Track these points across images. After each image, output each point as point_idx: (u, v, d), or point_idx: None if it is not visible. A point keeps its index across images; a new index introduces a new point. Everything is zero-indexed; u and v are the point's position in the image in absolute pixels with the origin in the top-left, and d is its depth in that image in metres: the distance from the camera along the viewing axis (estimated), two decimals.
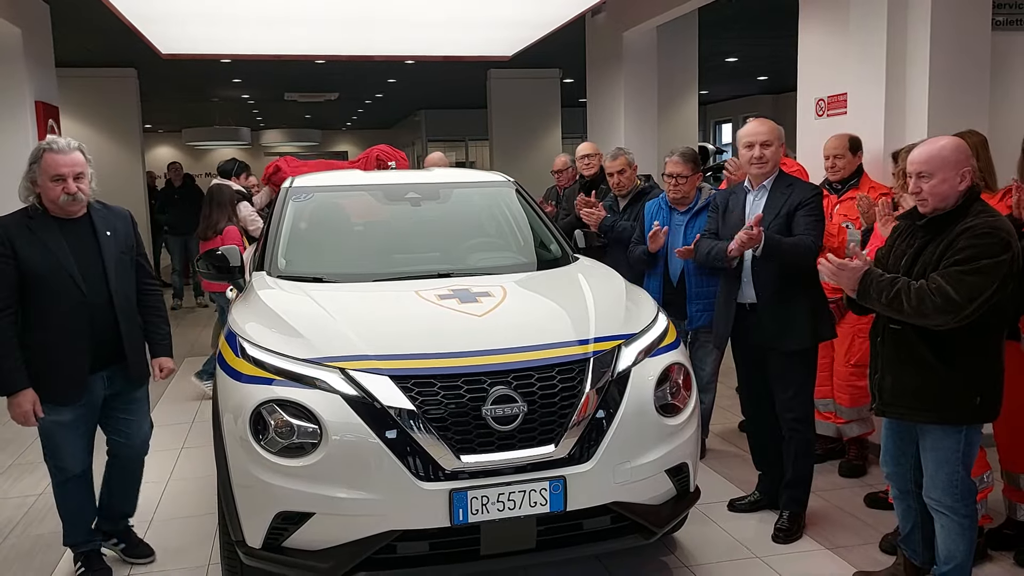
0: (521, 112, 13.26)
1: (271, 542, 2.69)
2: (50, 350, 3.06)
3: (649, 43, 8.18)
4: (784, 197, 3.51)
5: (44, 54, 7.23)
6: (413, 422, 2.63)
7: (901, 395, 2.81)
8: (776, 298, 3.51)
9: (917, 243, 2.79)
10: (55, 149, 3.06)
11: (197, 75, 13.02)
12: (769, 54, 12.68)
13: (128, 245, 3.29)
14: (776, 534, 3.58)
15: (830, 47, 5.04)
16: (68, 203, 3.07)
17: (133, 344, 3.24)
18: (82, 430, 3.22)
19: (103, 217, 3.24)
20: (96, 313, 3.11)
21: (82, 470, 3.27)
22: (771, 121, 3.61)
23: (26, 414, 3.04)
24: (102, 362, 3.17)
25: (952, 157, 2.69)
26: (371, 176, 4.70)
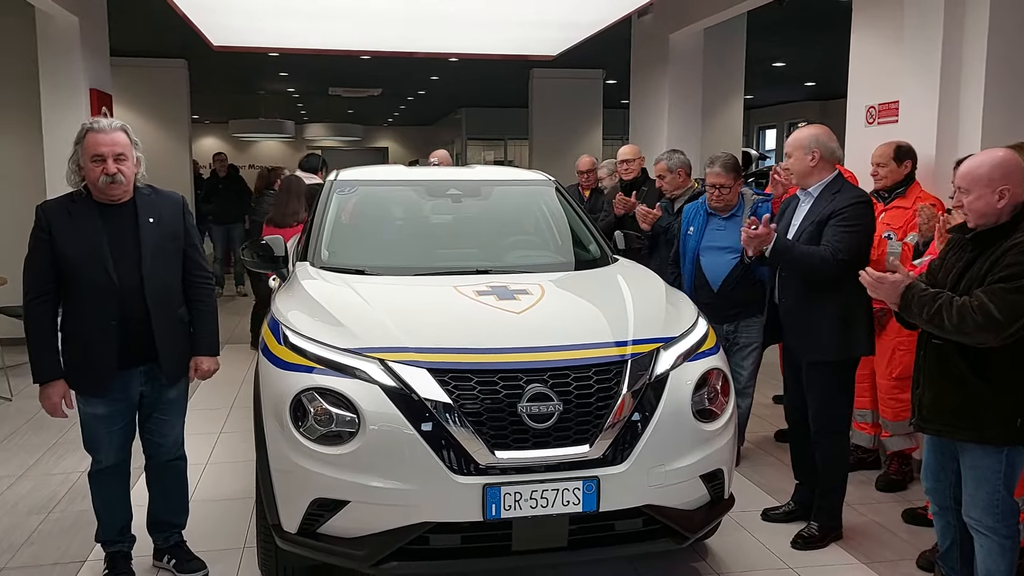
0: (562, 112, 13.24)
1: (307, 528, 2.73)
2: (81, 339, 2.97)
3: (696, 45, 8.12)
4: (824, 204, 3.46)
5: (100, 43, 7.37)
6: (449, 415, 2.65)
7: (940, 411, 2.76)
8: (800, 305, 3.48)
9: (966, 257, 2.74)
10: (96, 128, 2.94)
11: (245, 68, 13.20)
12: (818, 60, 12.52)
13: (174, 233, 3.11)
14: (795, 539, 3.56)
15: (883, 54, 4.96)
16: (107, 184, 2.92)
17: (166, 339, 3.05)
18: (119, 425, 3.10)
19: (150, 203, 3.07)
20: (127, 303, 2.96)
21: (116, 463, 3.16)
22: (805, 130, 3.56)
23: (54, 406, 2.98)
24: (138, 356, 3.03)
25: (988, 174, 2.63)
26: (414, 171, 4.75)
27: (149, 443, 3.24)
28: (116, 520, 3.24)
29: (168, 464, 3.28)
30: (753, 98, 16.99)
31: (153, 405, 3.16)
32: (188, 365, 3.18)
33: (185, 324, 3.17)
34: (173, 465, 3.30)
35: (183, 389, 3.25)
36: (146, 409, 3.17)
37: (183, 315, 3.15)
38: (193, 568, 3.27)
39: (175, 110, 12.03)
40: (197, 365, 3.20)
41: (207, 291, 3.25)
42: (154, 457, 3.26)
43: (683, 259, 4.48)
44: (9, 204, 7.33)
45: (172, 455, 3.28)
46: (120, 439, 3.13)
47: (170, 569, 3.29)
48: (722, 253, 4.30)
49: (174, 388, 3.19)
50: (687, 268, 4.43)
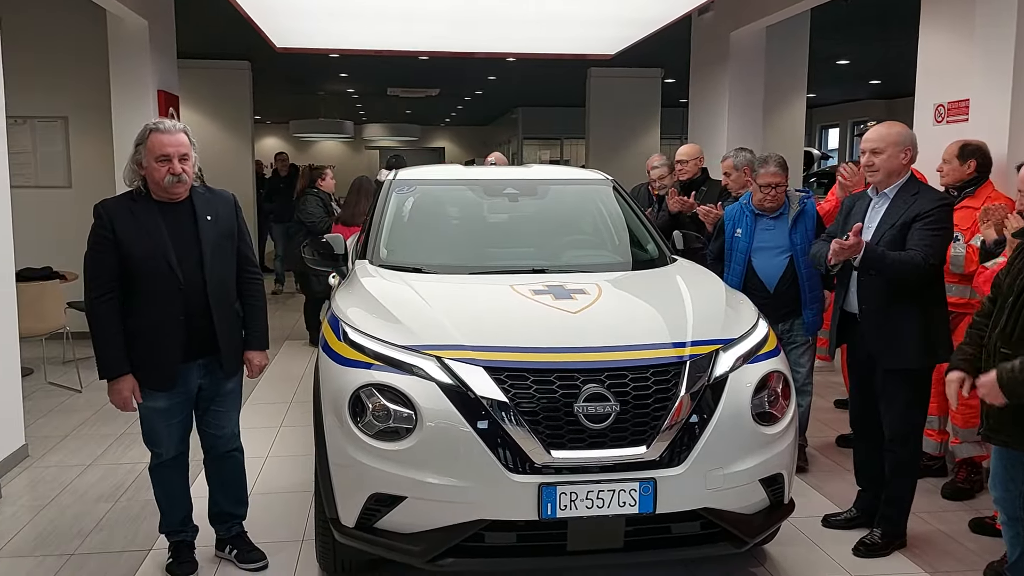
0: (620, 111, 13.15)
1: (364, 522, 2.77)
2: (146, 335, 3.02)
3: (757, 43, 7.98)
4: (905, 207, 3.34)
5: (167, 45, 7.60)
6: (505, 414, 2.66)
7: (1006, 422, 2.66)
8: (881, 311, 3.37)
9: None
10: (161, 129, 3.01)
11: (306, 69, 13.44)
12: (883, 57, 12.21)
13: (229, 231, 3.18)
14: (858, 547, 3.47)
15: (953, 52, 4.81)
16: (172, 184, 2.99)
17: (226, 333, 3.14)
18: (178, 418, 3.17)
19: (206, 201, 3.15)
20: (191, 299, 3.03)
21: (175, 455, 3.24)
22: (897, 126, 3.44)
23: (125, 400, 3.04)
24: (198, 350, 3.10)
25: None
26: (471, 171, 4.77)
27: (207, 436, 3.30)
28: (177, 511, 3.33)
29: (226, 456, 3.34)
30: (816, 96, 16.65)
31: (211, 398, 3.23)
32: (243, 359, 3.27)
33: (240, 318, 3.25)
34: (231, 457, 3.36)
35: (238, 382, 3.32)
36: (203, 402, 3.23)
37: (238, 310, 3.24)
38: (254, 559, 3.34)
39: (238, 110, 12.30)
40: (250, 360, 3.28)
41: (258, 287, 3.33)
42: (212, 450, 3.33)
43: (730, 260, 4.40)
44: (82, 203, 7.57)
45: (229, 447, 3.34)
46: (179, 432, 3.21)
47: (232, 559, 3.37)
48: (775, 253, 4.26)
49: (231, 380, 3.25)
50: (736, 269, 4.34)
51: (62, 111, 7.76)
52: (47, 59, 7.62)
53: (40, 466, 4.57)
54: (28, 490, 4.22)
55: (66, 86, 7.71)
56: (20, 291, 5.24)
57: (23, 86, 7.60)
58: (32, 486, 4.28)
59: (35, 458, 4.69)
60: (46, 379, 6.36)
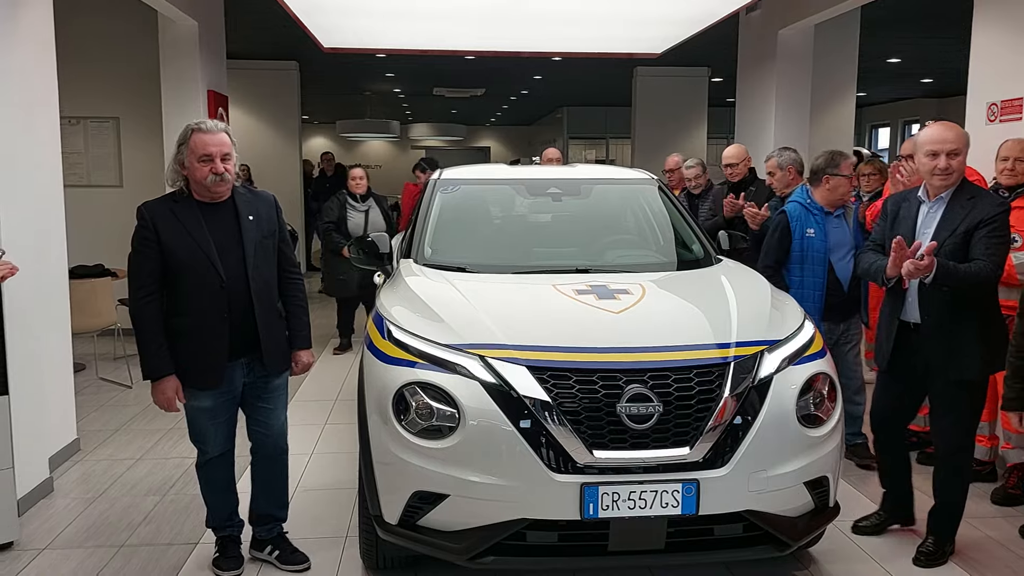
0: (666, 111, 13.05)
1: (407, 519, 2.79)
2: (190, 335, 3.03)
3: (806, 42, 7.87)
4: (964, 212, 3.23)
5: (217, 45, 7.74)
6: (548, 413, 2.66)
7: None
8: (943, 321, 3.26)
9: None
10: (204, 129, 3.01)
11: (352, 69, 13.59)
12: (934, 55, 11.93)
13: (271, 230, 3.19)
14: (918, 557, 3.39)
15: (1007, 49, 4.69)
16: (215, 183, 3.00)
17: (269, 331, 3.15)
18: (223, 417, 3.20)
19: (247, 201, 3.16)
20: (234, 298, 3.04)
21: (222, 452, 3.27)
22: (957, 126, 3.33)
23: (169, 401, 3.05)
24: (242, 349, 3.10)
25: None
26: (515, 170, 4.78)
27: (255, 434, 3.31)
28: (224, 507, 3.36)
29: (274, 458, 3.35)
30: (865, 95, 16.33)
31: (257, 396, 3.23)
32: (288, 357, 3.28)
33: (282, 318, 3.26)
34: (279, 460, 3.37)
35: (285, 379, 3.33)
36: (250, 399, 3.24)
37: (280, 309, 3.25)
38: (297, 560, 3.33)
39: (286, 110, 12.48)
40: (297, 359, 3.30)
41: (299, 286, 3.34)
42: (260, 449, 3.33)
43: (804, 262, 4.27)
44: (133, 202, 7.72)
45: (278, 448, 3.35)
46: (225, 430, 3.23)
47: (273, 561, 3.36)
48: (845, 251, 4.29)
49: (277, 377, 3.27)
50: (819, 271, 4.24)
51: (114, 112, 7.96)
52: (100, 61, 7.82)
53: (91, 460, 4.70)
54: (80, 483, 4.35)
55: (118, 87, 7.91)
56: (72, 288, 5.38)
57: (76, 88, 7.83)
58: (84, 479, 4.41)
59: (86, 452, 4.82)
60: (97, 375, 6.54)
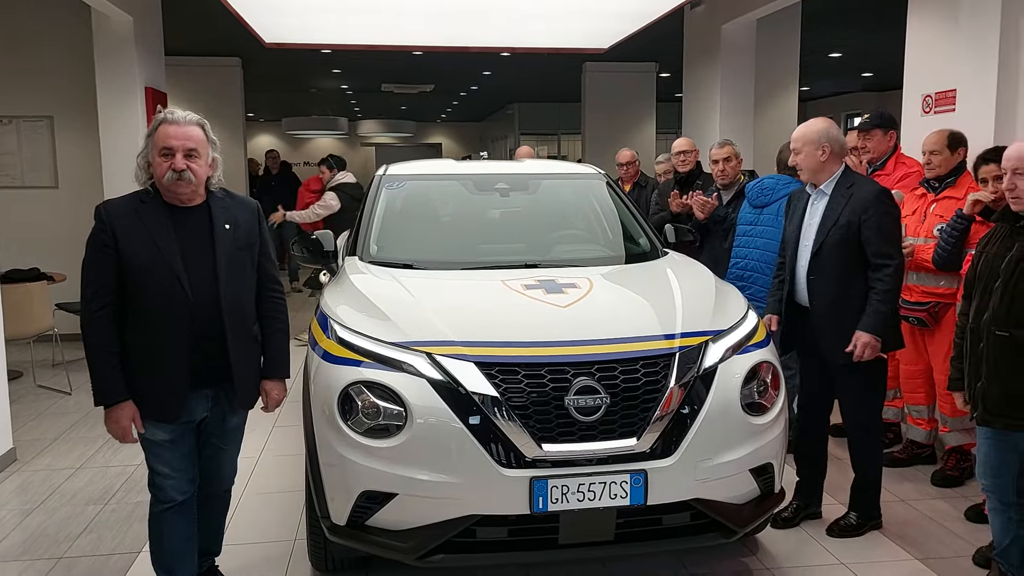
0: (615, 106, 13.13)
1: (355, 520, 2.76)
2: (147, 358, 2.63)
3: (749, 36, 7.99)
4: (844, 201, 3.39)
5: (154, 41, 7.55)
6: (496, 409, 2.66)
7: (1010, 404, 2.68)
8: (831, 309, 3.42)
9: (1016, 246, 2.68)
10: (170, 120, 2.65)
11: (297, 65, 13.39)
12: (874, 50, 12.19)
13: (249, 241, 2.80)
14: (831, 527, 3.55)
15: (940, 41, 4.82)
16: (173, 182, 2.61)
17: (242, 360, 2.75)
18: (182, 451, 2.76)
19: (224, 207, 2.76)
20: (202, 319, 2.64)
21: (184, 499, 2.79)
22: (817, 123, 3.48)
23: (124, 431, 2.64)
24: (208, 378, 2.71)
25: None
26: (462, 166, 4.76)
27: (205, 475, 2.91)
28: (185, 569, 2.86)
29: (218, 496, 3.03)
30: (809, 89, 16.64)
31: (213, 432, 2.86)
32: (259, 390, 2.89)
33: (258, 343, 2.86)
34: (222, 497, 3.06)
35: (244, 417, 2.96)
36: (205, 436, 2.86)
37: (256, 333, 2.86)
38: None
39: (229, 108, 12.25)
40: (267, 392, 2.89)
41: (281, 307, 2.93)
42: (204, 487, 2.93)
43: None
44: (68, 202, 7.61)
45: (224, 487, 3.03)
46: (185, 467, 2.79)
47: None
48: None
49: (237, 415, 2.90)
50: None
51: (48, 111, 7.73)
52: (32, 58, 7.59)
53: (29, 470, 4.56)
54: (17, 494, 4.21)
55: (51, 85, 7.69)
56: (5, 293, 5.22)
57: (8, 86, 7.59)
58: (21, 490, 4.27)
59: (23, 462, 4.67)
60: (35, 382, 6.35)
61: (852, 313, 3.36)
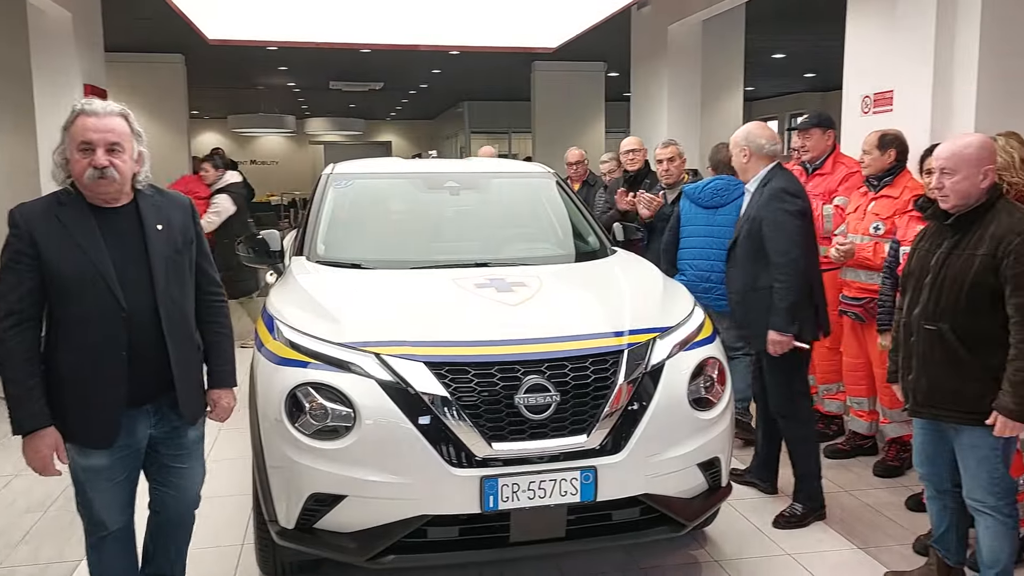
0: (565, 105, 13.21)
1: (304, 523, 2.73)
2: (76, 377, 2.36)
3: (694, 37, 8.10)
4: (755, 201, 3.65)
5: (93, 37, 7.35)
6: (446, 408, 2.65)
7: (939, 396, 2.77)
8: (745, 298, 3.65)
9: (947, 243, 2.77)
10: (88, 111, 2.35)
11: (243, 62, 13.19)
12: (817, 51, 12.48)
13: (186, 242, 2.55)
14: (777, 519, 3.66)
15: (877, 43, 4.95)
16: (94, 181, 2.33)
17: (186, 372, 2.51)
18: (121, 478, 2.50)
19: (155, 206, 2.50)
20: (138, 332, 2.38)
21: (121, 527, 2.56)
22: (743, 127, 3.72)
23: (44, 461, 2.37)
24: (147, 394, 2.46)
25: (976, 155, 2.69)
26: (411, 164, 4.74)
27: (162, 497, 2.65)
28: None
29: (182, 521, 2.74)
30: (754, 90, 16.94)
31: (166, 450, 2.59)
32: (205, 400, 2.67)
33: (201, 351, 2.64)
34: (186, 523, 2.76)
35: (202, 429, 2.72)
36: (158, 458, 2.59)
37: (199, 341, 2.63)
38: None
39: (172, 105, 12.02)
40: (216, 401, 2.68)
41: (222, 309, 2.72)
42: (163, 512, 2.68)
43: None
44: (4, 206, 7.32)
45: (189, 512, 2.73)
46: (123, 494, 2.54)
47: None
48: None
49: (194, 427, 2.66)
50: None
51: None
52: None
53: None
54: None
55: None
56: None
57: None
58: None
59: None
60: None
61: (759, 304, 3.55)
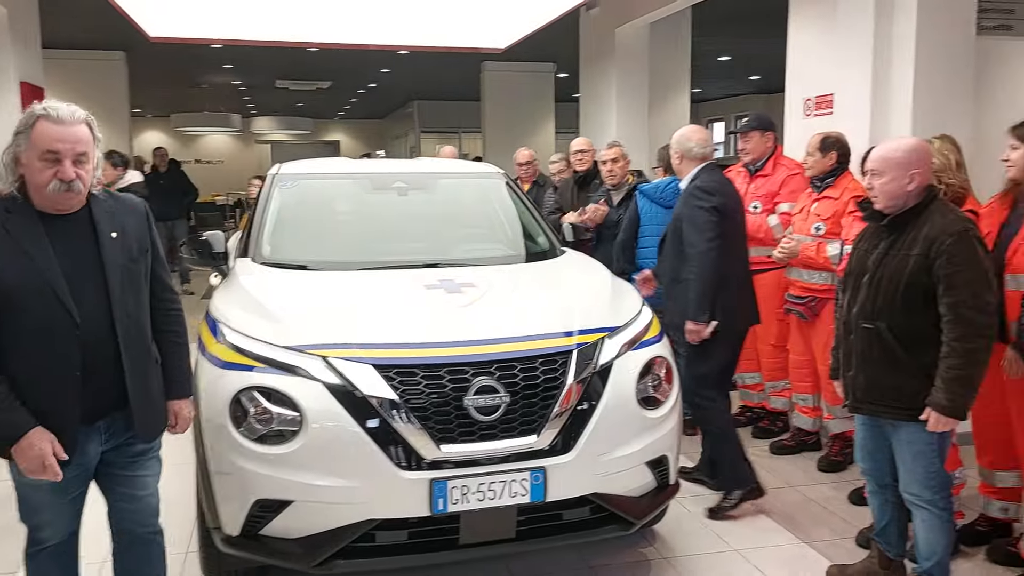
0: (515, 105, 13.23)
1: (249, 530, 2.68)
2: (27, 395, 2.18)
3: (642, 39, 8.18)
4: (683, 200, 3.80)
5: (30, 34, 7.15)
6: (395, 411, 2.63)
7: (876, 392, 2.85)
8: (669, 285, 3.86)
9: (883, 243, 2.85)
10: (54, 117, 2.19)
11: (186, 60, 12.93)
12: (762, 54, 12.69)
13: (141, 249, 2.39)
14: (710, 510, 3.77)
15: (818, 47, 5.05)
16: (59, 193, 2.19)
17: (143, 386, 2.35)
18: (69, 496, 2.35)
19: (108, 212, 2.33)
20: (92, 346, 2.23)
21: (62, 540, 2.41)
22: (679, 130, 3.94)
23: (44, 457, 2.17)
24: (101, 410, 2.31)
25: (902, 159, 2.77)
26: (359, 164, 4.69)
27: (121, 515, 2.48)
28: None
29: (147, 541, 2.54)
30: (701, 91, 17.18)
31: (123, 466, 2.42)
32: (165, 416, 2.50)
33: (158, 364, 2.46)
34: (153, 543, 2.56)
35: (159, 439, 2.55)
36: (112, 472, 2.42)
37: (156, 354, 2.45)
38: None
39: (113, 103, 11.70)
40: (177, 413, 2.52)
41: (179, 318, 2.54)
42: (129, 532, 2.49)
43: None
44: None
45: (152, 528, 2.54)
46: (70, 510, 2.39)
47: None
48: None
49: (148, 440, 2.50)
50: None
51: None
52: None
53: None
54: None
55: None
56: None
57: None
58: None
59: None
60: None
61: (682, 296, 3.71)
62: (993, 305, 2.71)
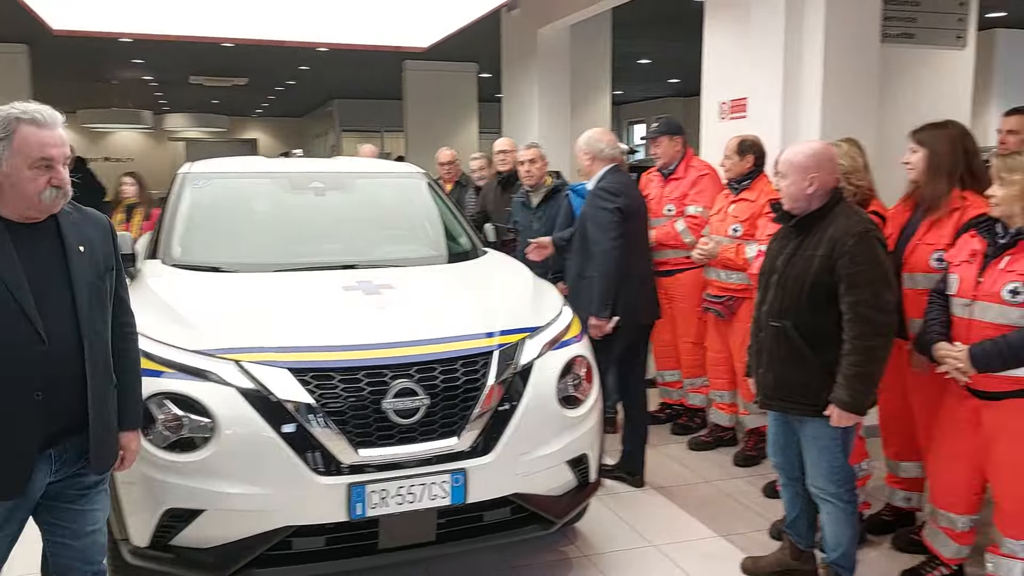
0: (437, 105, 13.16)
1: (159, 540, 2.60)
2: None
3: (563, 41, 8.24)
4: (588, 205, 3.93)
5: None
6: (311, 415, 2.58)
7: (784, 389, 2.93)
8: (575, 286, 3.96)
9: (791, 244, 2.94)
10: (39, 122, 2.07)
11: (93, 53, 12.43)
12: (680, 57, 12.96)
13: (107, 266, 2.23)
14: None
15: (732, 52, 5.17)
16: (52, 200, 2.07)
17: (101, 413, 2.15)
18: (9, 530, 2.11)
19: (74, 224, 2.17)
20: (57, 367, 2.05)
21: None
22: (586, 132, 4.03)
23: None
24: (54, 437, 2.10)
25: (803, 162, 2.86)
26: (275, 163, 4.59)
27: (60, 553, 2.22)
28: None
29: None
30: (622, 93, 17.44)
31: (67, 496, 2.19)
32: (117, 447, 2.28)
33: (115, 390, 2.25)
34: None
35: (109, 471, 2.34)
36: (54, 503, 2.17)
37: (114, 378, 2.24)
38: None
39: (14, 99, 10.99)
40: (126, 446, 2.29)
41: (136, 342, 2.37)
42: (69, 571, 2.23)
43: None
44: None
45: (96, 563, 2.27)
46: (6, 546, 2.14)
47: None
48: None
49: None
50: None
51: None
52: None
53: None
54: None
55: None
56: None
57: None
58: None
59: None
60: None
61: (586, 292, 3.79)
62: (892, 304, 2.82)
